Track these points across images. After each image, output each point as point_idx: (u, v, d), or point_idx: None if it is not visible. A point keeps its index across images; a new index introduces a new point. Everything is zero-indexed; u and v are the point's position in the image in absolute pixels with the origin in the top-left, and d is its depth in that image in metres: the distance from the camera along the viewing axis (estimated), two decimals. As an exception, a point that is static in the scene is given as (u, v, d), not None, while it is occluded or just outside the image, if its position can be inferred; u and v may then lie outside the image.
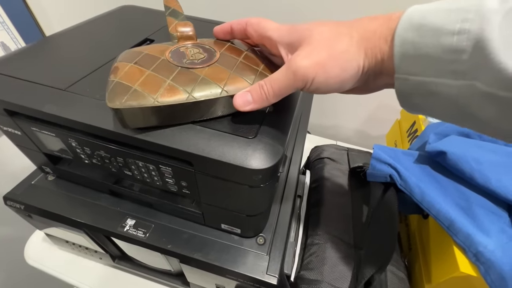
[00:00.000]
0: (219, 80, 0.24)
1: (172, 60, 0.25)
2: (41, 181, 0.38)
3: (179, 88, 0.23)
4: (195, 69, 0.25)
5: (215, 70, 0.25)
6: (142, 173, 0.29)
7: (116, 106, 0.21)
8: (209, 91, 0.23)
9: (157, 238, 0.33)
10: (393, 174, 0.33)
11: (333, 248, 0.34)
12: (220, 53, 0.27)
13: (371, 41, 0.19)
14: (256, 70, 0.26)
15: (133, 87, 0.22)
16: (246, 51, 0.28)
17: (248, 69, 0.26)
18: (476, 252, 0.27)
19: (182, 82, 0.23)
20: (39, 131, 0.29)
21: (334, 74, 0.19)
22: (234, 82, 0.24)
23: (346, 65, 0.19)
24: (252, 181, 0.25)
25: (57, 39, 0.36)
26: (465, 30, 0.14)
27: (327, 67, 0.19)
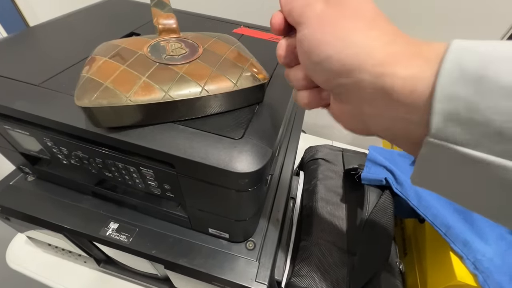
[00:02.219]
0: (199, 78, 0.22)
1: (151, 55, 0.23)
2: (20, 181, 0.36)
3: (155, 86, 0.21)
4: (174, 65, 0.23)
5: (196, 67, 0.23)
6: (123, 175, 0.27)
7: (85, 104, 0.19)
8: (187, 90, 0.21)
9: (141, 243, 0.32)
10: (389, 177, 0.31)
11: (326, 253, 0.33)
12: (203, 48, 0.25)
13: None
14: (241, 68, 0.24)
15: (105, 83, 0.20)
16: (233, 46, 0.26)
17: (233, 66, 0.24)
18: (474, 260, 0.26)
19: (159, 80, 0.21)
20: (12, 130, 0.27)
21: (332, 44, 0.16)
22: (216, 80, 0.22)
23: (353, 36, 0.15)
24: (239, 185, 0.23)
25: (38, 31, 0.34)
26: None
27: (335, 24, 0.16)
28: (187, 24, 0.41)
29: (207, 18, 0.44)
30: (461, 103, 0.11)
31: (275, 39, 0.39)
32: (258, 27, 0.42)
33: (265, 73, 0.25)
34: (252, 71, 0.24)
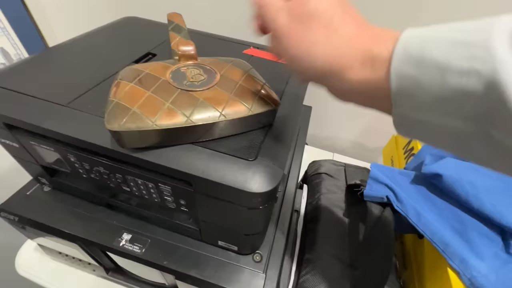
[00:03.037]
0: (217, 104, 0.24)
1: (173, 81, 0.25)
2: (37, 192, 0.38)
3: (177, 111, 0.23)
4: (195, 92, 0.25)
5: (215, 93, 0.25)
6: (141, 190, 0.29)
7: (115, 128, 0.21)
8: (207, 115, 0.23)
9: (154, 254, 0.33)
10: (390, 195, 0.33)
11: (329, 267, 0.34)
12: (220, 75, 0.27)
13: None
14: (255, 94, 0.26)
15: (132, 109, 0.22)
16: (247, 72, 0.28)
17: (247, 92, 0.26)
18: (470, 277, 0.28)
19: (181, 105, 0.23)
20: (37, 145, 0.29)
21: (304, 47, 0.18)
22: (233, 106, 0.24)
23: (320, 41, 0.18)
24: (251, 203, 0.25)
25: (58, 51, 0.36)
26: (475, 70, 0.13)
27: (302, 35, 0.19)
28: (199, 44, 0.43)
29: (218, 38, 0.46)
30: (408, 80, 0.15)
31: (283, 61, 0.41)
32: (264, 48, 0.44)
33: (277, 98, 0.27)
34: (265, 97, 0.26)
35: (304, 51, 0.18)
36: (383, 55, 0.16)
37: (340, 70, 0.17)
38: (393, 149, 0.58)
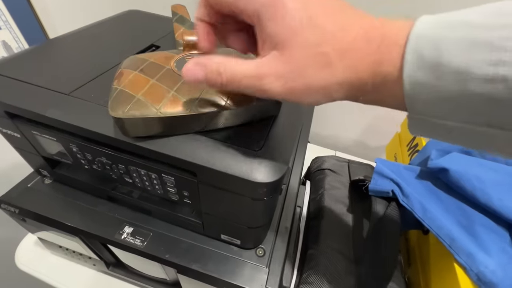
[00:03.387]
0: (222, 93, 0.24)
1: (177, 70, 0.25)
2: (38, 184, 0.38)
3: (182, 99, 0.23)
4: None
5: None
6: (144, 181, 0.29)
7: (119, 115, 0.21)
8: (212, 103, 0.23)
9: (155, 247, 0.33)
10: (395, 189, 0.33)
11: (333, 262, 0.34)
12: None
13: (359, 71, 0.15)
14: None
15: (137, 96, 0.22)
16: None
17: None
18: (477, 272, 0.27)
19: (186, 94, 0.23)
20: (39, 135, 0.29)
21: (307, 102, 0.17)
22: (238, 95, 0.24)
23: (322, 99, 0.17)
24: (256, 194, 0.24)
25: (61, 42, 0.36)
26: (502, 77, 0.11)
27: (301, 97, 0.17)
28: None
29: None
30: (423, 87, 0.13)
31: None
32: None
33: None
34: None
35: (315, 96, 0.17)
36: (393, 60, 0.14)
37: (355, 93, 0.17)
38: (396, 146, 0.57)
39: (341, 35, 0.15)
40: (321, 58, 0.15)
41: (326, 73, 0.16)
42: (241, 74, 0.17)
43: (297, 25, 0.15)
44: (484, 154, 0.35)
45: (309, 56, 0.15)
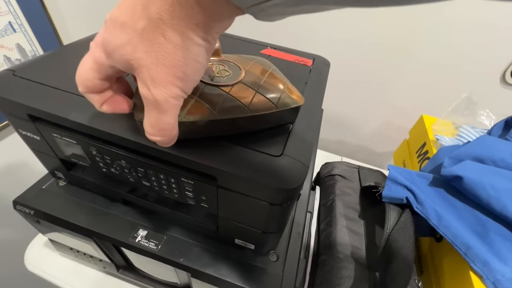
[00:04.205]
0: (244, 99, 0.24)
1: None
2: (52, 186, 0.38)
3: (204, 105, 0.23)
4: (221, 86, 0.25)
5: (241, 89, 0.25)
6: (162, 185, 0.29)
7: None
8: (233, 109, 0.23)
9: (169, 251, 0.33)
10: (410, 196, 0.33)
11: (346, 268, 0.34)
12: (245, 71, 0.27)
13: None
14: (280, 90, 0.26)
15: None
16: (270, 70, 0.29)
17: (272, 88, 0.26)
18: (494, 280, 0.27)
19: (208, 100, 0.23)
20: (60, 138, 0.29)
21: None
22: (259, 101, 0.24)
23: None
24: (276, 199, 0.24)
25: (79, 47, 0.36)
26: None
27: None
28: None
29: (235, 38, 0.47)
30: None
31: (300, 61, 0.41)
32: (284, 49, 0.45)
33: (301, 95, 0.27)
34: (289, 93, 0.26)
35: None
36: None
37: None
38: (405, 152, 0.57)
39: None
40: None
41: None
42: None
43: None
44: (497, 163, 0.35)
45: None
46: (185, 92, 0.17)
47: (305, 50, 0.46)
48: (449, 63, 0.63)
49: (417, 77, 0.68)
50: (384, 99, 0.75)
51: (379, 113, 0.79)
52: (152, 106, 0.17)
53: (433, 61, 0.64)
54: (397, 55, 0.66)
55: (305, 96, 0.34)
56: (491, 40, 0.58)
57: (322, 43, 0.69)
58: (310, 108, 0.32)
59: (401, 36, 0.62)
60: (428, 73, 0.66)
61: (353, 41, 0.66)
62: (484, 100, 0.54)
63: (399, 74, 0.69)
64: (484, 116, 0.50)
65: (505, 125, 0.45)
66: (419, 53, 0.64)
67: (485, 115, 0.50)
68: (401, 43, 0.63)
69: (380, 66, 0.69)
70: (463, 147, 0.38)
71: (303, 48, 0.46)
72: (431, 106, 0.71)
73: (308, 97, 0.34)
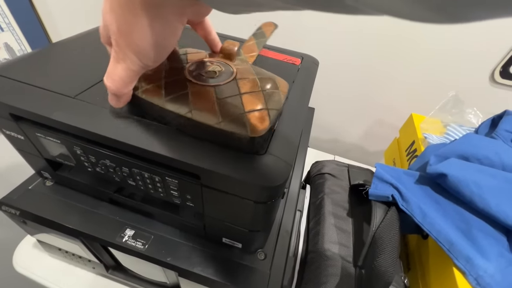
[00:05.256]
0: (196, 103, 0.24)
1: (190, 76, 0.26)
2: (39, 186, 0.38)
3: (161, 92, 0.24)
4: (191, 83, 0.25)
5: (204, 93, 0.25)
6: (147, 184, 0.29)
7: None
8: (180, 107, 0.24)
9: (157, 250, 0.33)
10: (395, 194, 0.33)
11: (333, 266, 0.34)
12: (231, 80, 0.26)
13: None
14: (239, 113, 0.24)
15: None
16: (258, 89, 0.26)
17: (233, 107, 0.24)
18: (477, 276, 0.28)
19: (169, 90, 0.24)
20: (43, 137, 0.29)
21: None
22: (206, 110, 0.24)
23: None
24: (260, 198, 0.25)
25: (65, 45, 0.36)
26: None
27: None
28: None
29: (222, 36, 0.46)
30: None
31: (289, 60, 0.41)
32: (273, 48, 0.45)
33: (264, 128, 0.24)
34: (247, 120, 0.23)
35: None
36: None
37: None
38: (395, 151, 0.58)
39: None
40: None
41: None
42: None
43: None
44: (481, 160, 0.35)
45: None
46: (143, 63, 0.20)
47: (297, 49, 0.46)
48: (440, 62, 0.64)
49: (408, 76, 0.68)
50: (376, 98, 0.75)
51: (371, 112, 0.79)
52: (114, 59, 0.20)
53: (424, 60, 0.65)
54: (389, 54, 0.66)
55: (291, 95, 0.35)
56: (481, 39, 0.59)
57: (313, 43, 0.69)
58: (296, 107, 0.33)
59: (393, 34, 0.63)
60: (419, 72, 0.67)
61: (344, 41, 0.67)
62: (473, 98, 0.55)
63: (391, 73, 0.69)
64: (472, 115, 0.50)
65: (492, 123, 0.46)
66: (411, 52, 0.64)
67: (472, 114, 0.50)
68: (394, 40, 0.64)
69: (372, 64, 0.69)
70: (448, 145, 0.38)
71: (295, 48, 0.46)
72: (422, 104, 0.72)
73: (294, 96, 0.35)
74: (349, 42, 0.67)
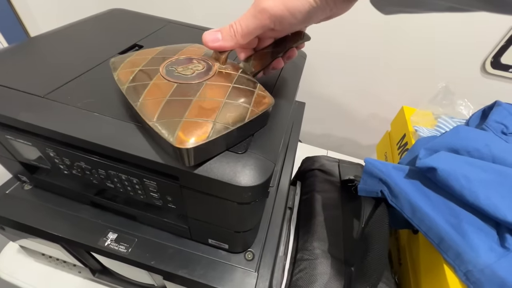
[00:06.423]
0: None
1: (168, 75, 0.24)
2: (17, 190, 0.36)
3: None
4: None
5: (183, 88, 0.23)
6: (126, 186, 0.27)
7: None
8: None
9: (140, 253, 0.32)
10: (384, 190, 0.32)
11: (323, 264, 0.33)
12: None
13: None
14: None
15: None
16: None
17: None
18: (466, 271, 0.27)
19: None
20: (14, 139, 0.27)
21: (298, 6, 0.20)
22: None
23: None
24: (242, 198, 0.23)
25: (40, 41, 0.34)
26: None
27: (290, 2, 0.19)
28: (182, 36, 0.42)
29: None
30: None
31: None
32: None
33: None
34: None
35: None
36: None
37: None
38: (387, 144, 0.57)
39: None
40: None
41: None
42: (245, 17, 0.22)
43: None
44: (471, 153, 0.35)
45: None
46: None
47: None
48: (430, 53, 0.63)
49: (401, 68, 0.67)
50: (368, 92, 0.74)
51: (363, 106, 0.78)
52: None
53: (415, 51, 0.64)
54: (379, 46, 0.65)
55: (276, 89, 0.34)
56: (472, 29, 0.58)
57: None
58: (281, 102, 0.31)
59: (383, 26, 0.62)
60: (410, 64, 0.66)
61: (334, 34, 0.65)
62: (464, 90, 0.54)
63: (383, 65, 0.68)
64: (463, 106, 0.49)
65: (483, 115, 0.45)
66: (401, 43, 0.63)
67: (463, 105, 0.49)
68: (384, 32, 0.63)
69: (363, 57, 0.68)
70: (438, 138, 0.37)
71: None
72: (413, 97, 0.71)
73: (279, 90, 0.34)
74: (339, 35, 0.65)
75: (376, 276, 0.29)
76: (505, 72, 0.60)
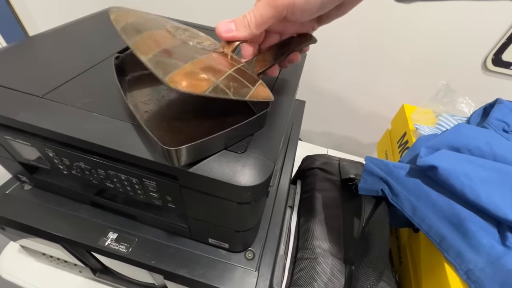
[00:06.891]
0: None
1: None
2: (17, 190, 0.36)
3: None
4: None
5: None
6: (125, 186, 0.27)
7: None
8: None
9: (141, 253, 0.32)
10: (385, 188, 0.32)
11: (323, 263, 0.33)
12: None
13: None
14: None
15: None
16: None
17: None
18: (467, 270, 0.27)
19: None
20: (12, 140, 0.27)
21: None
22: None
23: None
24: (242, 198, 0.23)
25: (38, 40, 0.34)
26: None
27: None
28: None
29: (209, 29, 0.45)
30: None
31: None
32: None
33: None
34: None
35: None
36: None
37: None
38: (387, 143, 0.57)
39: None
40: None
41: None
42: (258, 7, 0.21)
43: None
44: (472, 151, 0.34)
45: None
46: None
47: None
48: (431, 50, 0.63)
49: (401, 66, 0.67)
50: (369, 90, 0.74)
51: (364, 104, 0.78)
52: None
53: (416, 49, 0.63)
54: (380, 44, 0.65)
55: (276, 88, 0.33)
56: (473, 26, 0.57)
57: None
58: (281, 101, 0.31)
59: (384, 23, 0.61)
60: (411, 61, 0.66)
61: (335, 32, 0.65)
62: (465, 87, 0.54)
63: (383, 63, 0.68)
64: (464, 104, 0.49)
65: (484, 112, 0.45)
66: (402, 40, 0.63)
67: (464, 103, 0.49)
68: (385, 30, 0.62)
69: (364, 55, 0.68)
70: (439, 136, 0.37)
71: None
72: (414, 94, 0.71)
73: (279, 89, 0.33)
74: (340, 33, 0.65)
75: (376, 275, 0.29)
76: (506, 69, 0.60)
